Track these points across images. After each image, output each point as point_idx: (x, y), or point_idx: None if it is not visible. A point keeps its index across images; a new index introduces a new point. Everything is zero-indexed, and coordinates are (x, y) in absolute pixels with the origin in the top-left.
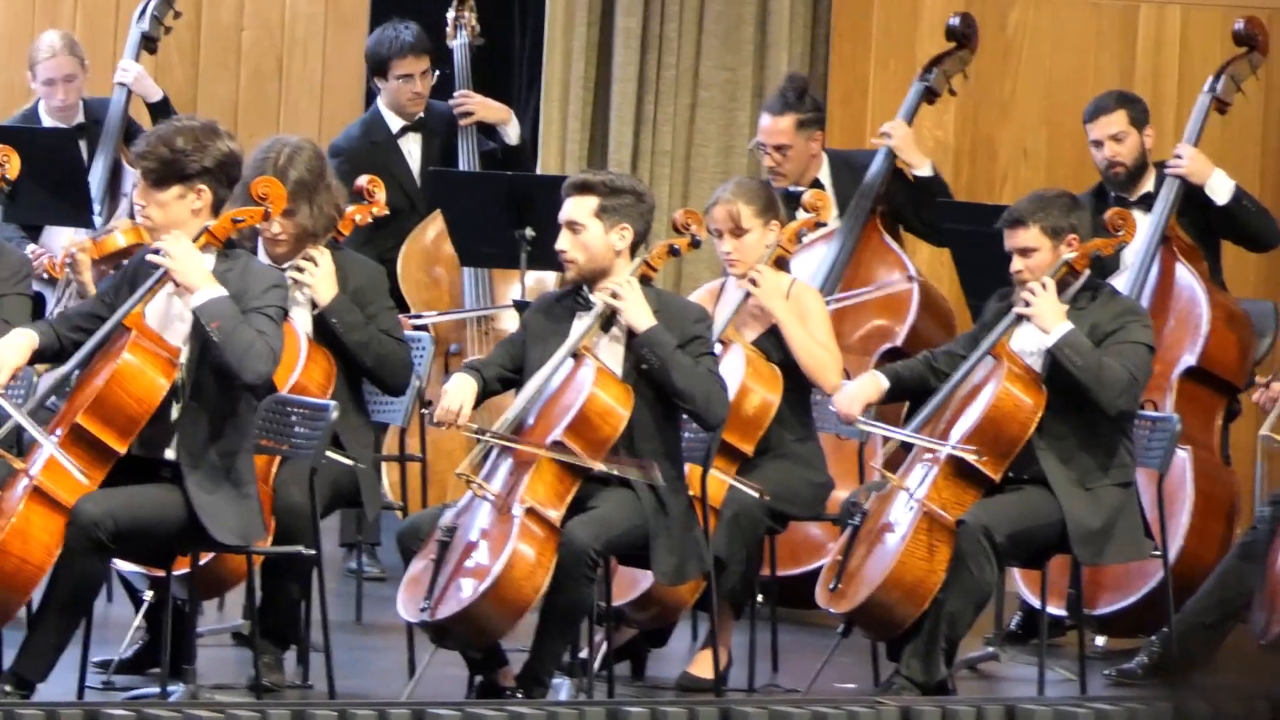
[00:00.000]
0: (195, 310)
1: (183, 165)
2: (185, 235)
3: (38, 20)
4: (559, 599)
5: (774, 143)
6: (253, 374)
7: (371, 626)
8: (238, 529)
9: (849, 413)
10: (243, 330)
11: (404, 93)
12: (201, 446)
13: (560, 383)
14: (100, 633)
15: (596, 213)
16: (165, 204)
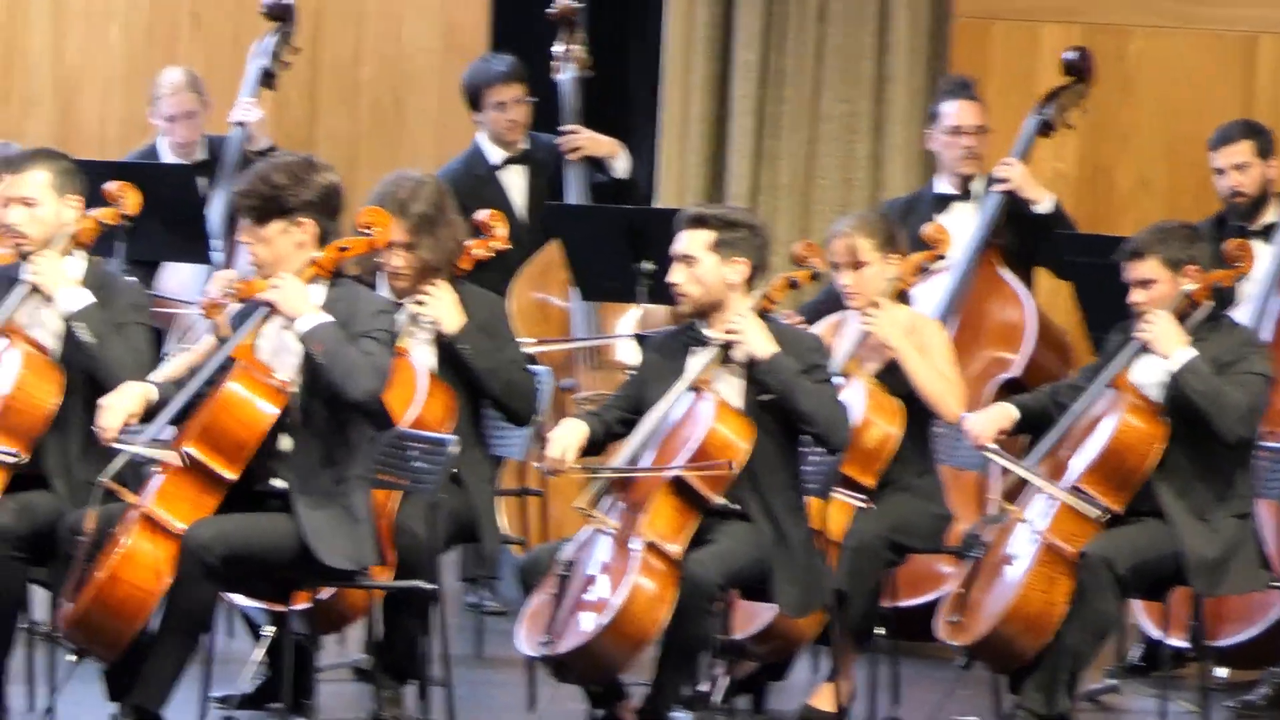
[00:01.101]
0: (299, 334)
1: (282, 200)
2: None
3: (157, 56)
4: (680, 632)
5: (977, 123)
6: (359, 391)
7: (492, 661)
8: (350, 554)
9: (981, 438)
10: (347, 350)
11: (500, 122)
12: (312, 474)
13: (679, 417)
14: (221, 668)
15: (711, 246)
16: (270, 240)
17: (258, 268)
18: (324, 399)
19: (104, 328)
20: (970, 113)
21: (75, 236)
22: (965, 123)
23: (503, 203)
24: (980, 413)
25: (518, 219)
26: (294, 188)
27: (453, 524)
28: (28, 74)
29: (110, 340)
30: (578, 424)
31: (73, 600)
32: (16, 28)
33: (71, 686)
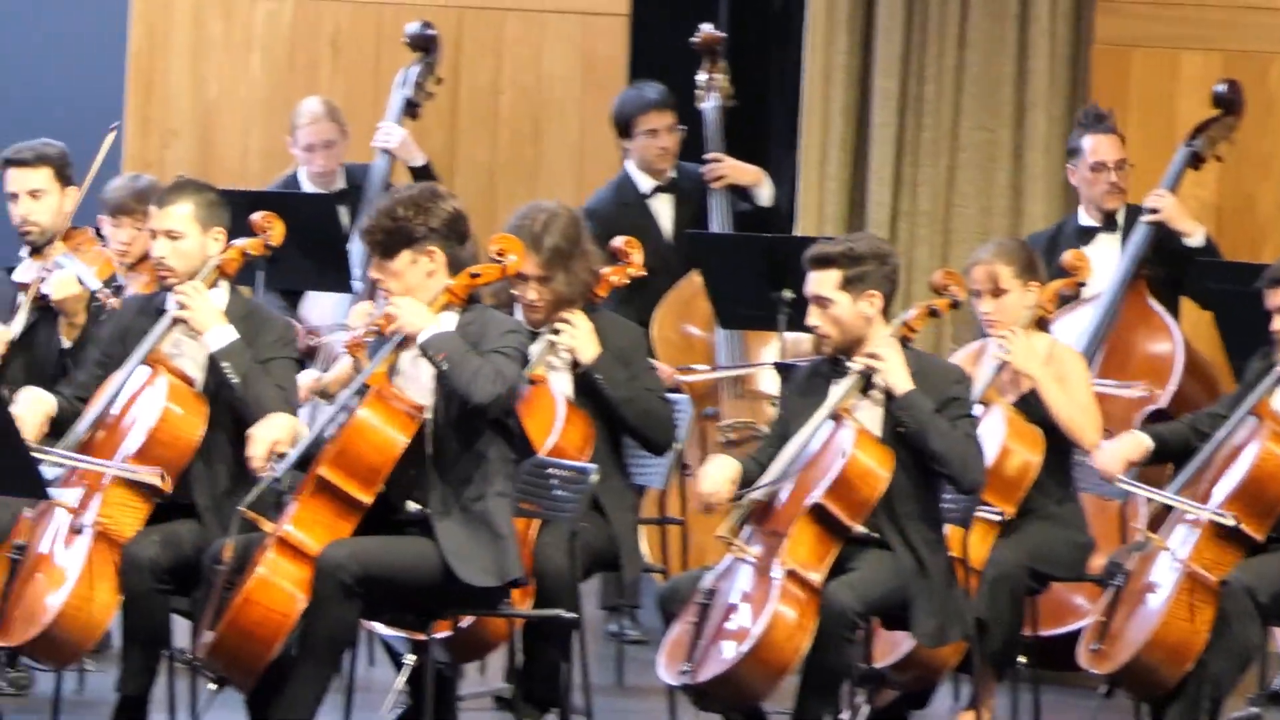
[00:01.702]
0: (422, 345)
1: (408, 230)
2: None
3: (298, 86)
4: (820, 661)
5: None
6: (482, 395)
7: (633, 689)
8: (492, 569)
9: (1110, 471)
10: (470, 358)
11: (651, 149)
12: (450, 495)
13: (820, 445)
14: (362, 696)
15: (841, 285)
16: (399, 273)
17: (388, 293)
18: (456, 420)
19: (249, 365)
20: (1110, 147)
21: (220, 267)
22: (1107, 158)
23: (652, 230)
24: (1111, 443)
25: (666, 246)
26: (419, 217)
27: (593, 552)
28: (168, 105)
29: (255, 377)
30: (730, 461)
31: (211, 629)
32: (156, 58)
33: (213, 715)
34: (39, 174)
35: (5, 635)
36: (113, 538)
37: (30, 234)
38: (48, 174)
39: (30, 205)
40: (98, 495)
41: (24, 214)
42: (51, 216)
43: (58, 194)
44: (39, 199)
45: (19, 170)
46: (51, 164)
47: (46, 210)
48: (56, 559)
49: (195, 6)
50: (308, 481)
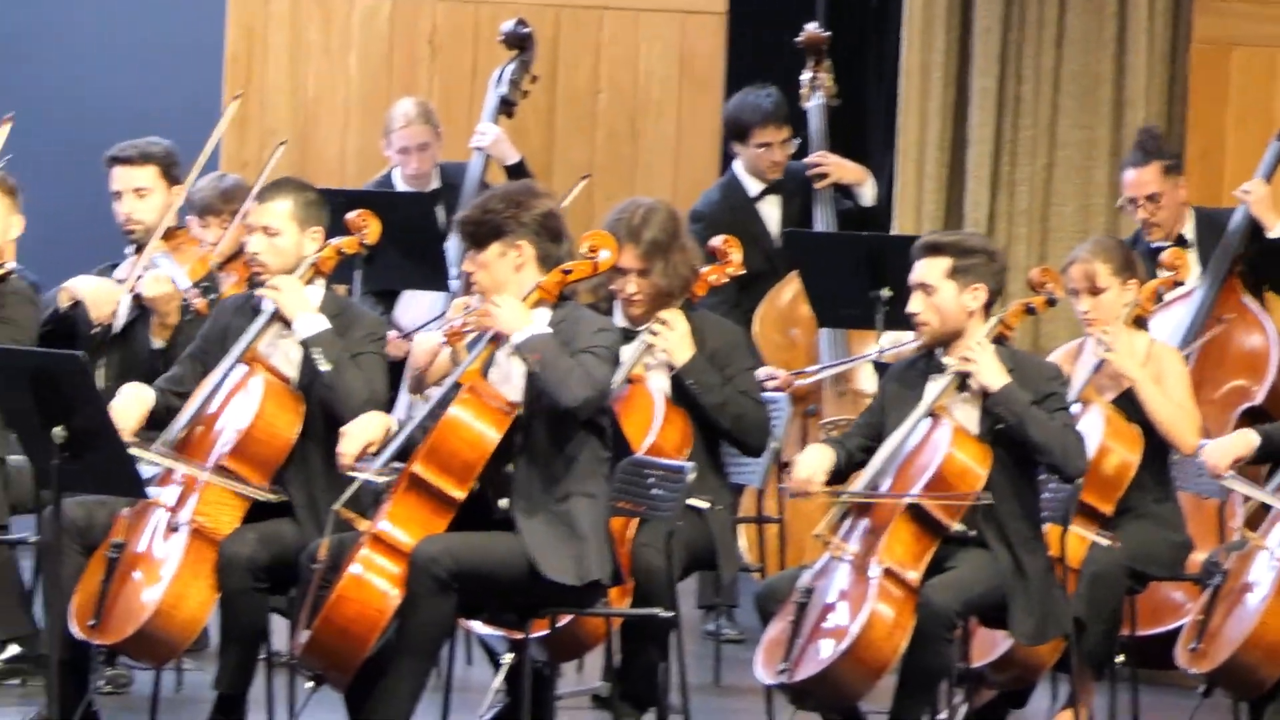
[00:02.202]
0: (515, 346)
1: (499, 224)
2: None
3: (394, 86)
4: (918, 660)
5: (1145, 193)
6: (572, 398)
7: (730, 689)
8: (572, 569)
9: (1218, 467)
10: (562, 359)
11: (763, 160)
12: (536, 493)
13: (917, 443)
14: (460, 695)
15: (949, 274)
16: (488, 264)
17: (480, 294)
18: (546, 418)
19: (339, 355)
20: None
21: (315, 265)
22: (1136, 192)
23: (760, 232)
24: (1219, 440)
25: (774, 247)
26: (511, 212)
27: (691, 551)
28: (265, 106)
29: (345, 368)
30: (824, 449)
31: (308, 627)
32: (255, 59)
33: (310, 713)
34: (144, 172)
35: (103, 634)
36: (210, 535)
37: (134, 232)
38: (153, 172)
39: (135, 204)
40: (195, 493)
41: (128, 212)
42: (156, 215)
43: (163, 192)
44: (143, 197)
45: (124, 168)
46: (157, 162)
47: (151, 209)
48: (154, 557)
49: (292, 8)
50: (401, 478)
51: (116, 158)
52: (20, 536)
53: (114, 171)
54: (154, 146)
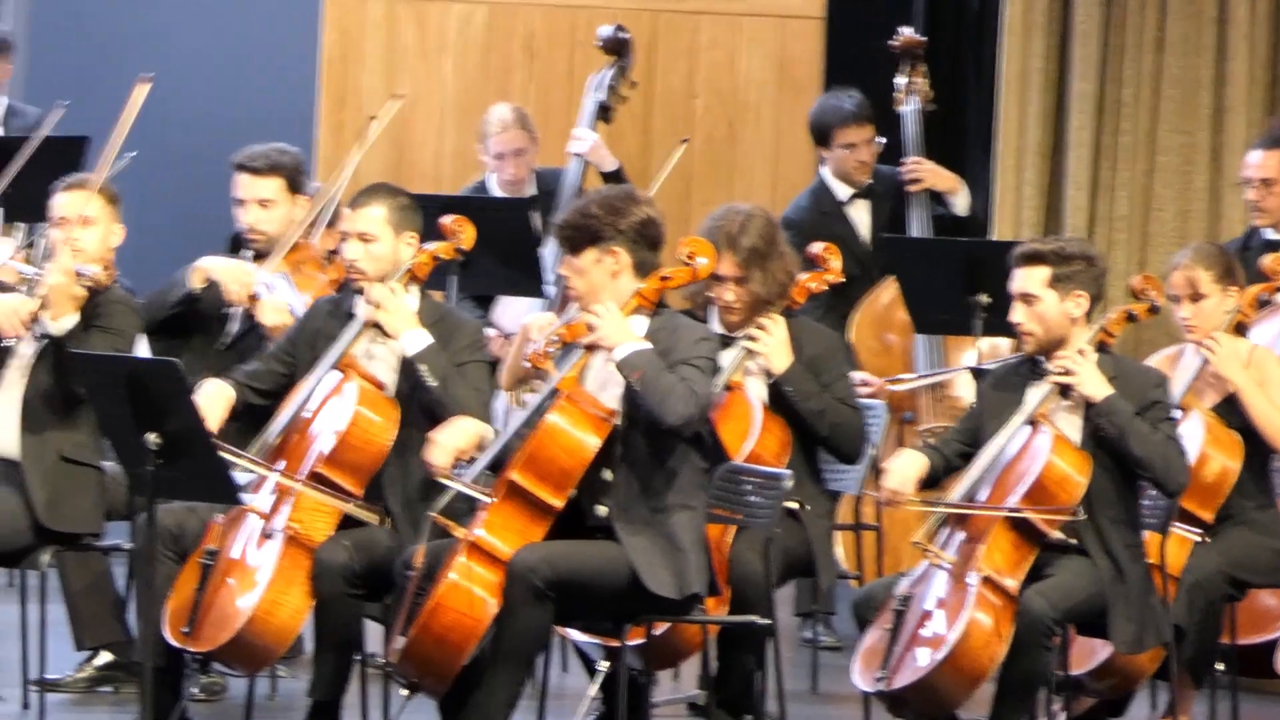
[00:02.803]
0: (616, 362)
1: (596, 229)
2: (611, 308)
3: (490, 91)
4: (1016, 668)
5: (1260, 176)
6: (674, 416)
7: (827, 696)
8: (672, 582)
9: None
10: (663, 377)
11: (849, 161)
12: (634, 503)
13: (1016, 450)
14: (556, 703)
15: (1049, 283)
16: (583, 270)
17: (576, 299)
18: (646, 430)
19: (446, 368)
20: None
21: (411, 271)
22: (1251, 174)
23: (850, 237)
24: None
25: (865, 252)
26: (609, 218)
27: (788, 559)
28: (361, 110)
29: (452, 381)
30: (916, 456)
31: (404, 634)
32: (349, 63)
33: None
34: (270, 183)
35: (197, 641)
36: (304, 543)
37: (256, 241)
38: (279, 184)
39: (259, 214)
40: (289, 500)
41: (251, 222)
42: (278, 226)
43: (287, 204)
44: (268, 209)
45: (250, 177)
46: (284, 174)
47: (275, 220)
48: (248, 564)
49: (387, 12)
50: (499, 485)
51: (243, 165)
52: (114, 543)
53: (239, 178)
54: (283, 156)
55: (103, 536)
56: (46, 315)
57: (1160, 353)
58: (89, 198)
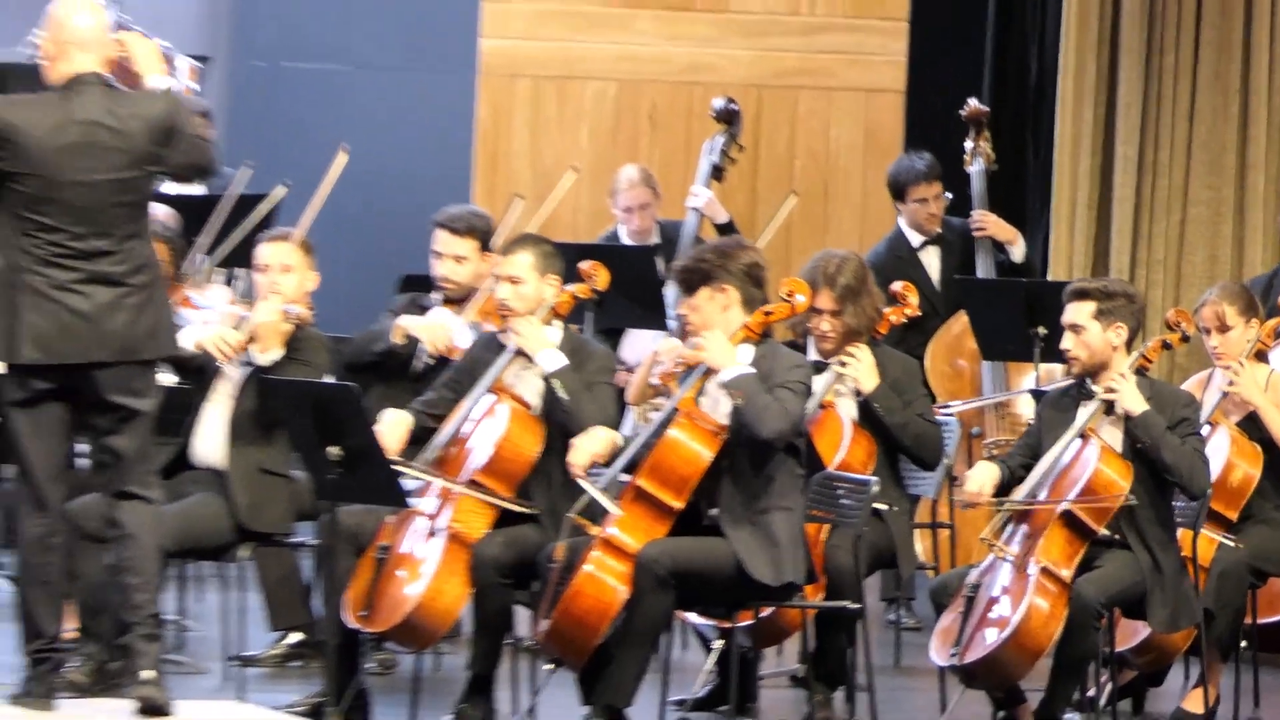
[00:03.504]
0: (721, 383)
1: (709, 271)
2: (721, 332)
3: (620, 155)
4: (1070, 645)
5: None
6: (769, 431)
7: (908, 670)
8: (771, 572)
9: None
10: (761, 397)
11: (920, 214)
12: (739, 504)
13: (1069, 459)
14: (677, 675)
15: (1095, 315)
16: (698, 306)
17: (692, 333)
18: (746, 441)
19: (577, 386)
20: None
21: (554, 308)
22: None
23: (922, 279)
24: None
25: (934, 292)
26: (720, 261)
27: (874, 552)
28: (510, 171)
29: (582, 397)
30: (991, 466)
31: (547, 617)
32: (500, 131)
33: (549, 691)
34: (465, 243)
35: (372, 623)
36: (463, 539)
37: (447, 290)
38: (473, 245)
39: (453, 268)
40: (450, 503)
41: (446, 274)
42: (468, 278)
43: (477, 261)
44: (461, 264)
45: (449, 235)
46: (479, 236)
47: (465, 273)
48: (416, 557)
49: (534, 89)
50: (628, 490)
51: (443, 223)
52: (302, 540)
53: (439, 234)
54: (479, 220)
55: (293, 535)
56: (255, 348)
57: (1193, 377)
58: (289, 248)
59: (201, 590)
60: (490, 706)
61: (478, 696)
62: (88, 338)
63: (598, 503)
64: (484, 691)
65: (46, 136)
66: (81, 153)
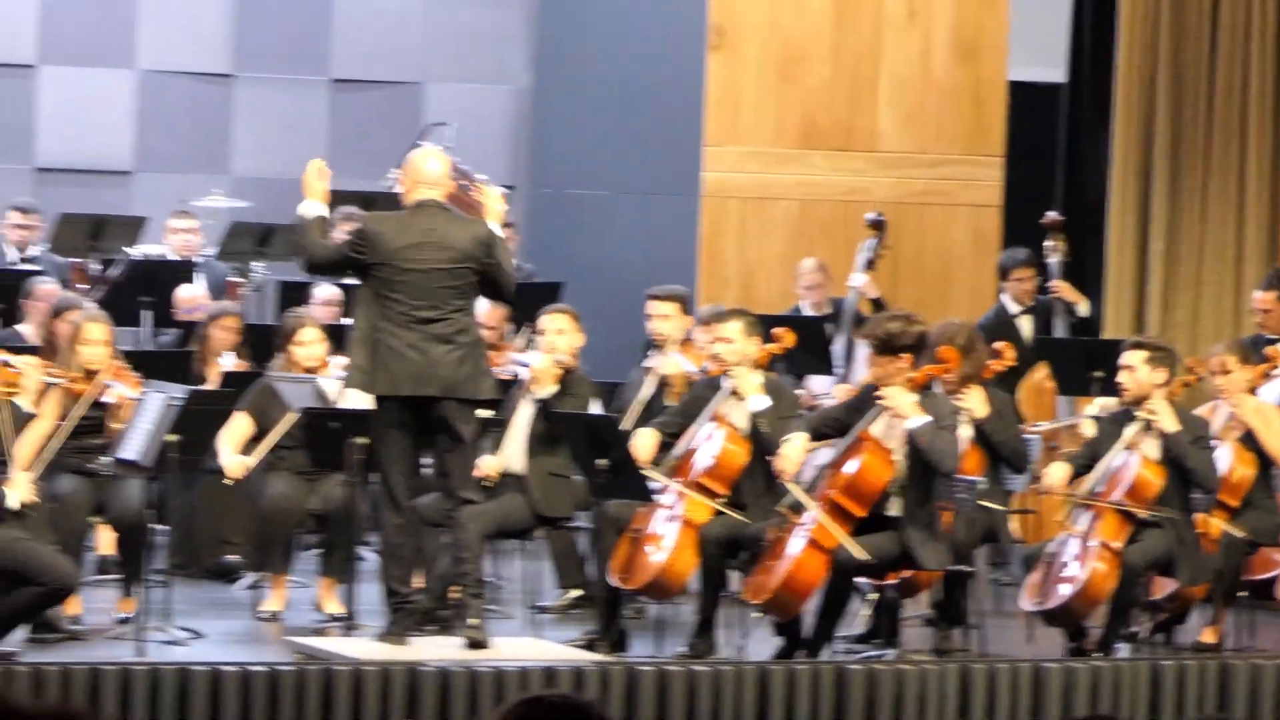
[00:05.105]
0: (909, 429)
1: (893, 340)
2: (900, 388)
3: (801, 250)
4: (1120, 595)
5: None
6: (946, 469)
7: (1006, 613)
8: (935, 558)
9: None
10: (938, 441)
11: (1018, 291)
12: (914, 510)
13: (1120, 464)
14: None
15: (1146, 360)
16: (884, 366)
17: (876, 380)
18: (920, 469)
19: (774, 419)
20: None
21: (756, 360)
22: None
23: (1018, 338)
24: None
25: (1026, 348)
26: (899, 331)
27: (982, 531)
28: (725, 265)
29: (778, 426)
30: (1064, 465)
31: (755, 579)
32: (718, 235)
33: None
34: (669, 306)
35: (629, 583)
36: (693, 523)
37: (659, 343)
38: (675, 307)
39: (660, 325)
40: (683, 498)
41: (655, 330)
42: (676, 332)
43: (680, 319)
44: (667, 321)
45: (657, 303)
46: (680, 302)
47: (672, 328)
48: (659, 535)
49: (740, 207)
50: (824, 501)
51: (655, 295)
52: (579, 525)
53: (651, 303)
54: (678, 291)
55: (574, 520)
56: (535, 386)
57: (1205, 405)
58: (564, 318)
59: (510, 559)
60: (712, 641)
61: (703, 635)
62: (422, 378)
63: (793, 501)
64: (707, 631)
65: (395, 238)
66: (418, 249)
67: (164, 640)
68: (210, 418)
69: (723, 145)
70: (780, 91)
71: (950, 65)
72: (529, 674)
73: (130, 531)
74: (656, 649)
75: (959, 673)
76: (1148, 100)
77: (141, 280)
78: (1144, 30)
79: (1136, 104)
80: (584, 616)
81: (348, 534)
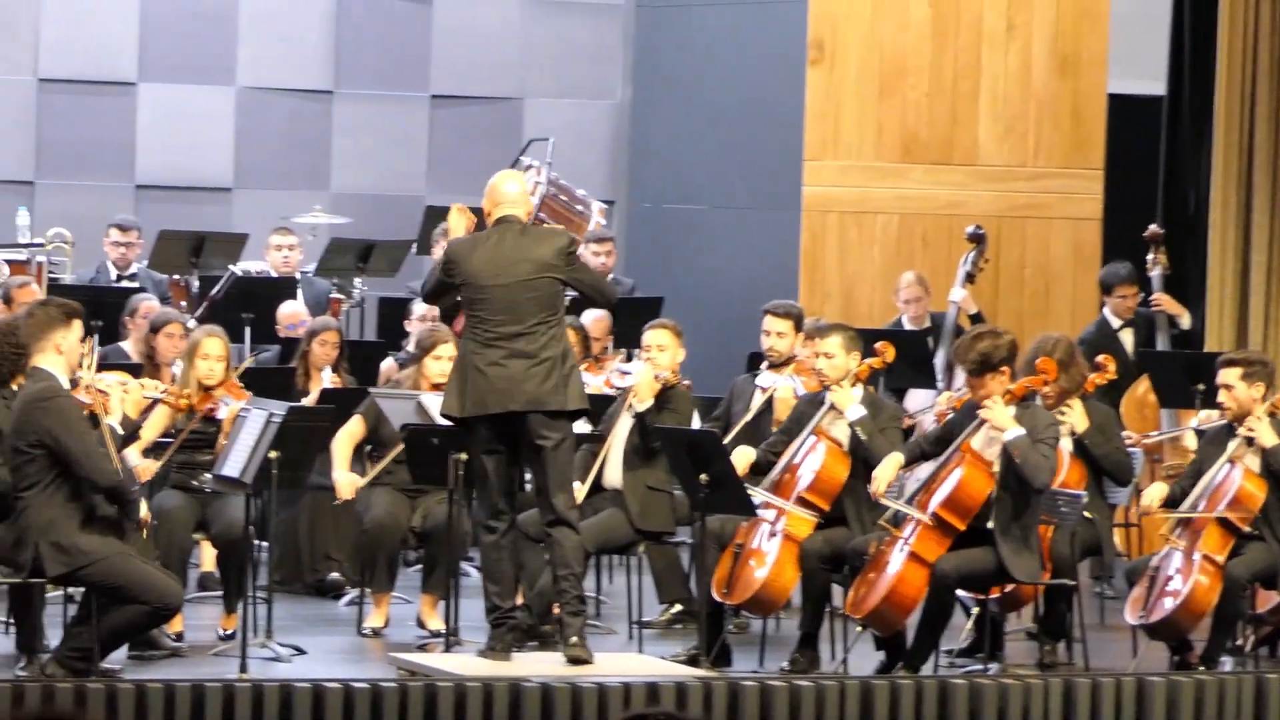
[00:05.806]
0: (1006, 442)
1: (987, 359)
2: (999, 401)
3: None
4: (1224, 608)
5: None
6: (1039, 484)
7: (1109, 627)
8: (1027, 570)
9: None
10: (1033, 454)
11: (1120, 306)
12: (1007, 523)
13: (1222, 478)
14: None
15: (1241, 377)
16: (984, 383)
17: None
18: (1016, 481)
19: (873, 430)
20: None
21: (856, 375)
22: None
23: (1120, 352)
24: None
25: (1128, 361)
26: (990, 349)
27: (1085, 544)
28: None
29: (877, 439)
30: (1161, 486)
31: (856, 595)
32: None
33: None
34: (785, 323)
35: (732, 597)
36: (794, 538)
37: (772, 357)
38: (790, 324)
39: (776, 341)
40: (785, 514)
41: (770, 346)
42: (789, 349)
43: (792, 336)
44: (782, 338)
45: (774, 318)
46: (794, 319)
47: (786, 345)
48: (761, 550)
49: (840, 221)
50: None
51: (770, 310)
52: (682, 540)
53: (767, 319)
54: (795, 308)
55: (675, 535)
56: (634, 399)
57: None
58: (666, 333)
59: (612, 575)
60: (815, 655)
61: (806, 649)
62: (505, 394)
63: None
64: (810, 645)
65: (475, 258)
66: (497, 265)
67: (267, 657)
68: (310, 434)
69: (822, 159)
70: (880, 105)
71: (1050, 78)
72: (632, 690)
73: (232, 548)
74: (759, 664)
75: (1063, 687)
76: (1248, 111)
77: (242, 296)
78: (1244, 41)
79: (1237, 115)
80: (686, 632)
81: (449, 550)
